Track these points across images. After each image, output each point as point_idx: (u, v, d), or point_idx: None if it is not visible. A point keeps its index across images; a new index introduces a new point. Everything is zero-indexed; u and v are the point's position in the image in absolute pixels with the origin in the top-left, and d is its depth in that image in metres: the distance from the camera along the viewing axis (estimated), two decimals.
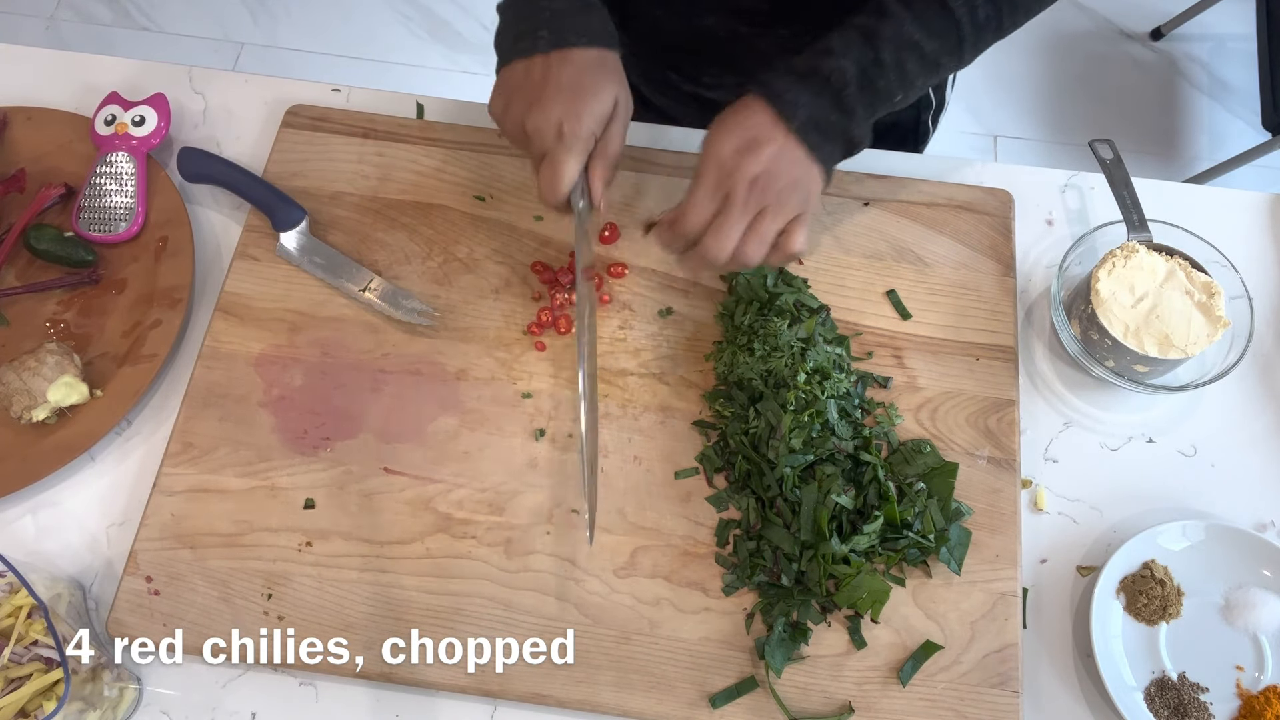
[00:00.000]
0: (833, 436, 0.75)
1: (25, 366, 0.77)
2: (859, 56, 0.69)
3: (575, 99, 0.69)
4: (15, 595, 0.67)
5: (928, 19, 0.70)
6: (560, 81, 0.70)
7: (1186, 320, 0.80)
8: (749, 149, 0.68)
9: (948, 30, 0.71)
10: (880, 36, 0.70)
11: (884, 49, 0.70)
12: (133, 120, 0.89)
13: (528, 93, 0.70)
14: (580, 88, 0.70)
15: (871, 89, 0.70)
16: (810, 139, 0.69)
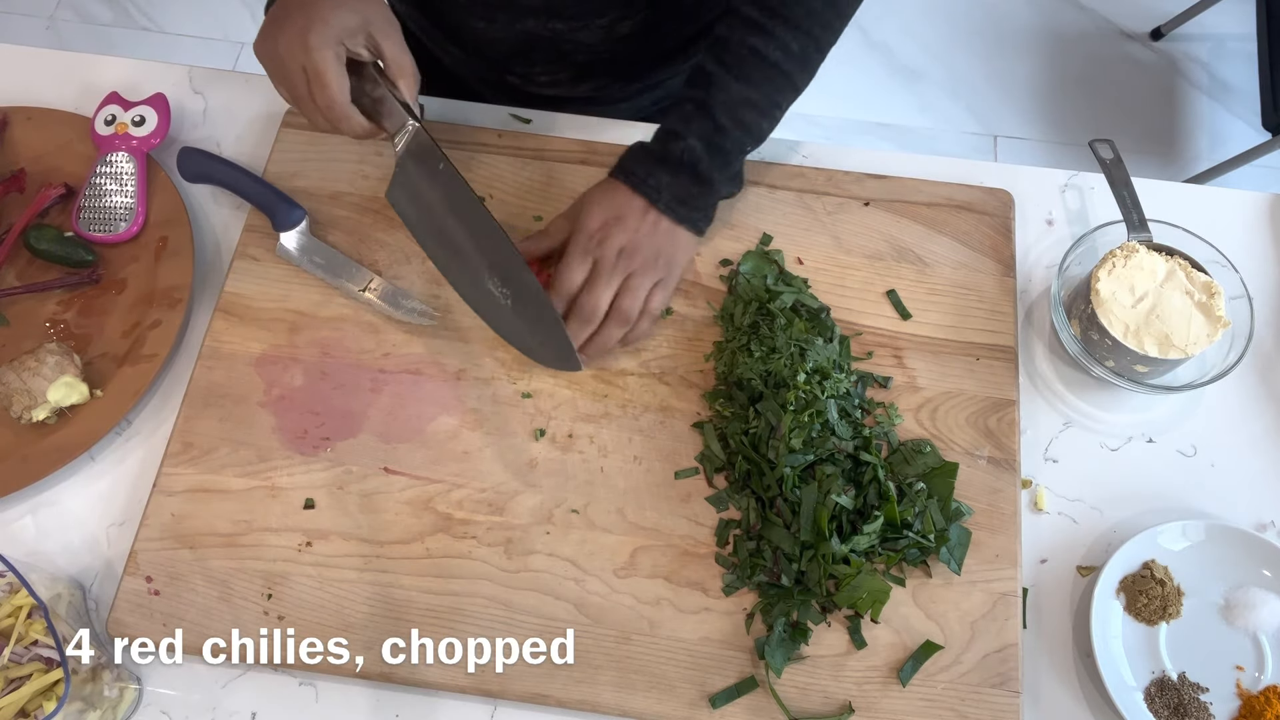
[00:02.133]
0: (833, 436, 0.75)
1: (25, 366, 0.77)
2: (700, 130, 0.77)
3: (314, 8, 0.70)
4: (15, 595, 0.67)
5: (747, 73, 0.77)
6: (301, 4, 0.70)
7: (1186, 320, 0.80)
8: (616, 223, 0.78)
9: (770, 76, 0.77)
10: (711, 105, 0.77)
11: (719, 115, 0.77)
12: (133, 120, 0.89)
13: (278, 22, 0.71)
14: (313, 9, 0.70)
15: (722, 153, 0.78)
16: (678, 213, 0.79)
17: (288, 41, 0.70)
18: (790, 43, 0.76)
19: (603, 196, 0.79)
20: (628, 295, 0.77)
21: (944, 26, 2.29)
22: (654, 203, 0.78)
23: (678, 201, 0.78)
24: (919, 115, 2.16)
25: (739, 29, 0.77)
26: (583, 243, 0.78)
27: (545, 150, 0.90)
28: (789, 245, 0.86)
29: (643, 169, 0.79)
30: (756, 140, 0.80)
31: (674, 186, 0.78)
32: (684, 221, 0.79)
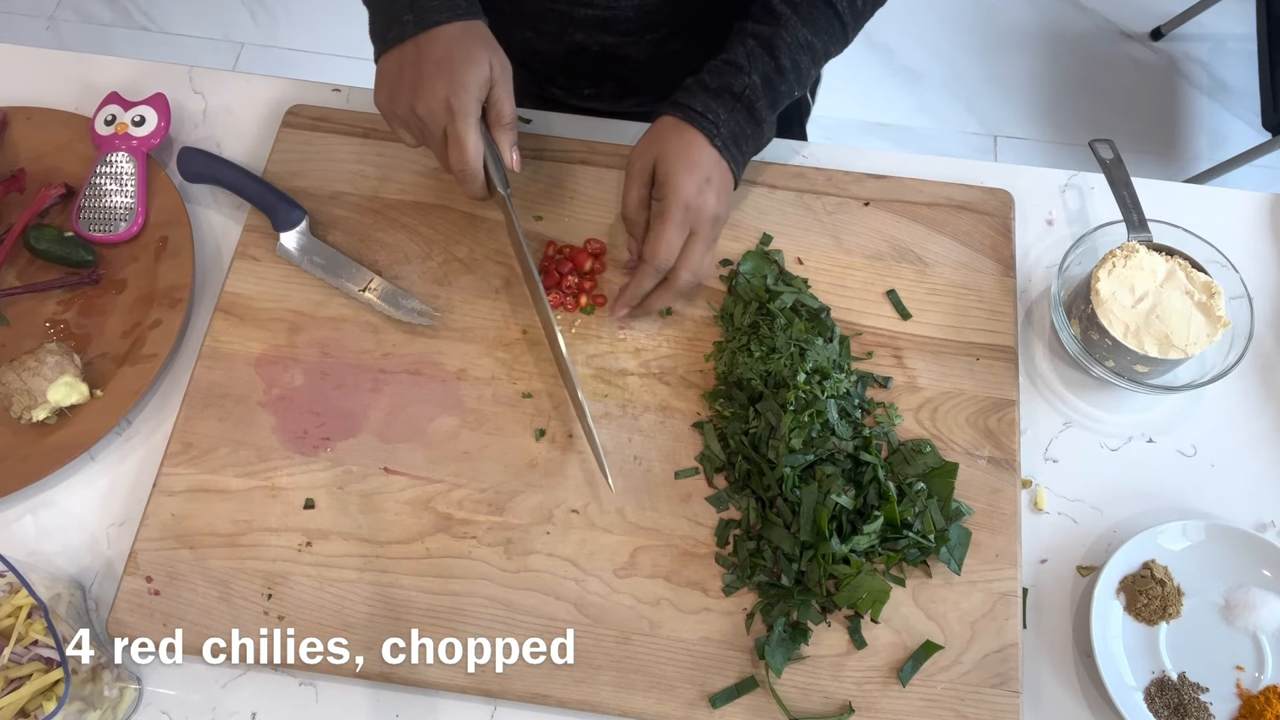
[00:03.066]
0: (833, 436, 0.75)
1: (25, 366, 0.77)
2: (763, 67, 0.76)
3: (451, 72, 0.72)
4: (15, 595, 0.67)
5: (814, 18, 0.77)
6: (434, 60, 0.72)
7: (1186, 320, 0.80)
8: (708, 186, 0.75)
9: (832, 24, 0.78)
10: (778, 44, 0.76)
11: (782, 55, 0.76)
12: (133, 120, 0.89)
13: (408, 79, 0.73)
14: (453, 61, 0.72)
15: (774, 93, 0.77)
16: (731, 152, 0.77)
17: (429, 105, 0.72)
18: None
19: (682, 149, 0.76)
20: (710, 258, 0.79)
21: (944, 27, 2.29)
22: (713, 140, 0.76)
23: (733, 140, 0.77)
24: (919, 115, 2.16)
25: None
26: (679, 213, 0.75)
27: (545, 150, 0.90)
28: (789, 245, 0.86)
29: (699, 101, 0.76)
30: (802, 88, 0.80)
31: (730, 123, 0.76)
32: (736, 166, 0.78)
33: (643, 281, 0.77)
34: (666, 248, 0.75)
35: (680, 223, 0.75)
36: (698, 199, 0.75)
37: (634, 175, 0.78)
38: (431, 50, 0.72)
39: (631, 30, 0.87)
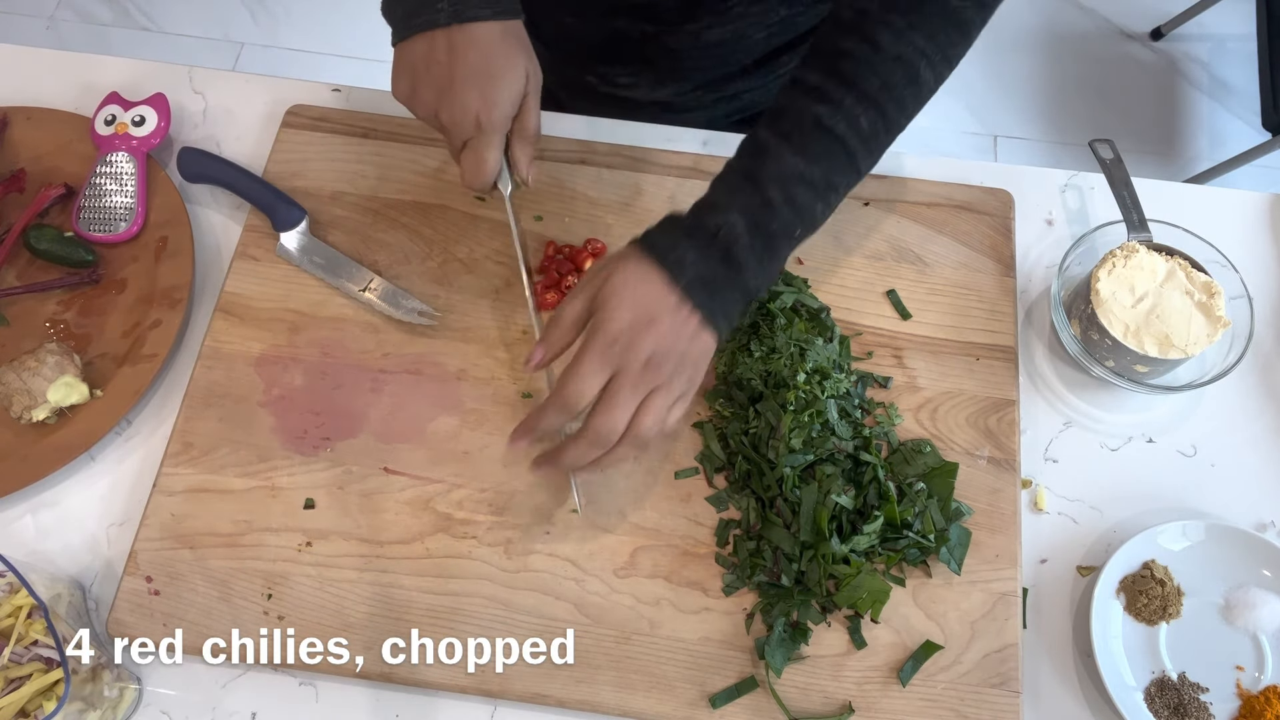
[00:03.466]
0: (833, 436, 0.75)
1: (25, 366, 0.77)
2: (745, 203, 0.66)
3: (488, 85, 0.67)
4: (15, 595, 0.67)
5: (807, 145, 0.66)
6: (469, 65, 0.67)
7: (1186, 320, 0.80)
8: (647, 325, 0.64)
9: (832, 151, 0.67)
10: (762, 176, 0.66)
11: (769, 188, 0.66)
12: (133, 120, 0.89)
13: (436, 78, 0.68)
14: (490, 72, 0.67)
15: (765, 234, 0.66)
16: (698, 298, 0.65)
17: (456, 116, 0.68)
18: (859, 116, 0.66)
19: (629, 280, 0.65)
20: (649, 414, 0.65)
21: None
22: (676, 281, 0.65)
23: (701, 284, 0.65)
24: (919, 115, 2.16)
25: (801, 97, 0.67)
26: (601, 347, 0.64)
27: (546, 150, 0.90)
28: None
29: (668, 239, 0.66)
30: (807, 225, 0.68)
31: (700, 265, 0.65)
32: (708, 313, 0.66)
33: (543, 415, 0.66)
34: (576, 381, 0.64)
35: (600, 356, 0.64)
36: (629, 335, 0.64)
37: (581, 289, 0.67)
38: (466, 53, 0.67)
39: (673, 19, 0.86)
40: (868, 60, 0.66)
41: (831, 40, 0.67)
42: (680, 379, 0.66)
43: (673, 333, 0.65)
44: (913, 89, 0.67)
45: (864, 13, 0.66)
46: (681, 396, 0.67)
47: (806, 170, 0.66)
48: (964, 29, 0.67)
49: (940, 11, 0.66)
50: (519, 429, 0.68)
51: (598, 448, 0.65)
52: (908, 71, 0.66)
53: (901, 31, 0.65)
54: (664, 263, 0.65)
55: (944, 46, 0.67)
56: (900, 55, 0.66)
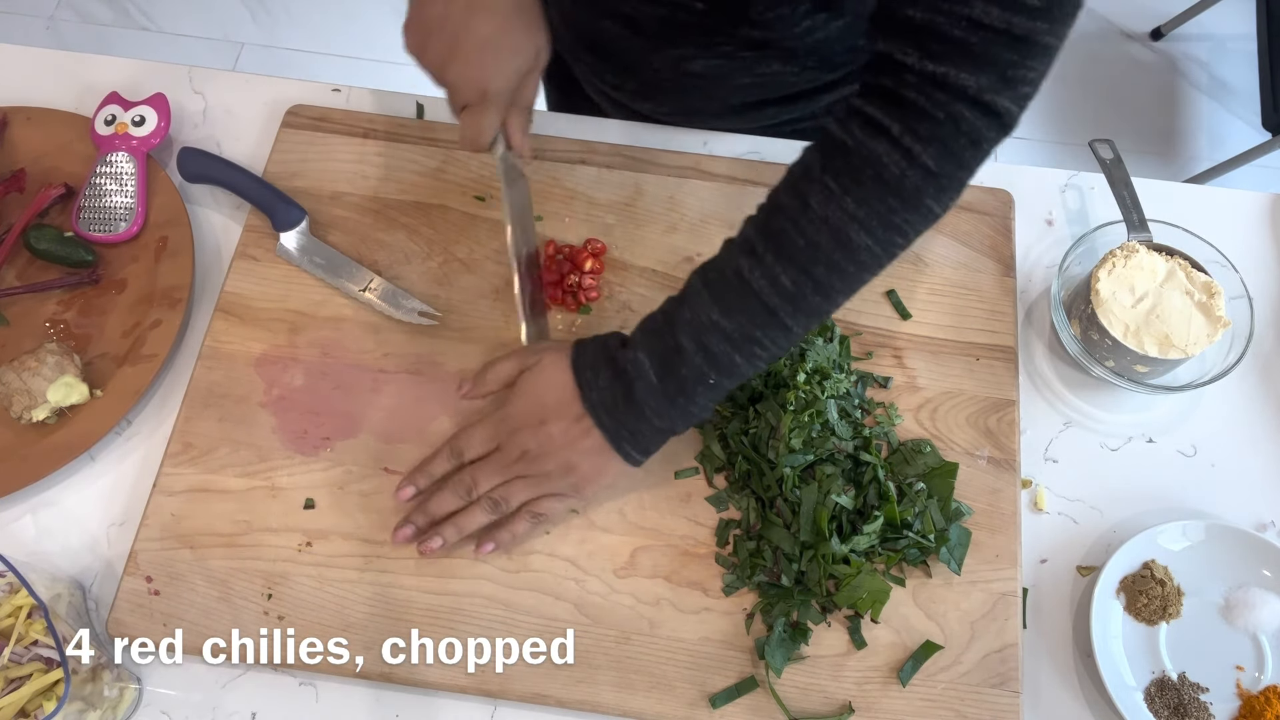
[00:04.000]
0: (833, 437, 0.75)
1: (25, 366, 0.77)
2: (656, 345, 0.68)
3: (496, 56, 0.68)
4: (15, 595, 0.67)
5: (725, 296, 0.66)
6: (482, 34, 0.68)
7: (1186, 320, 0.80)
8: (539, 424, 0.71)
9: (749, 306, 0.65)
10: (678, 322, 0.67)
11: (681, 333, 0.66)
12: (133, 120, 0.89)
13: (448, 38, 0.68)
14: (500, 45, 0.68)
15: (676, 378, 0.67)
16: (602, 419, 0.69)
17: (460, 81, 0.69)
18: (780, 275, 0.64)
19: (544, 377, 0.71)
20: (502, 490, 0.72)
21: None
22: (583, 398, 0.69)
23: (604, 409, 0.69)
24: None
25: (735, 246, 0.67)
26: (495, 421, 0.73)
27: (546, 150, 0.90)
28: None
29: (591, 357, 0.70)
30: (726, 374, 0.67)
31: (606, 392, 0.69)
32: (611, 438, 0.69)
33: (435, 458, 0.74)
34: (465, 437, 0.73)
35: (491, 428, 0.73)
36: (517, 423, 0.71)
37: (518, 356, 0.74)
38: (482, 20, 0.68)
39: (654, 37, 0.85)
40: (796, 220, 0.64)
41: (775, 195, 0.66)
42: (560, 480, 0.72)
43: (560, 438, 0.70)
44: (845, 253, 0.64)
45: (807, 170, 0.65)
46: (558, 496, 0.73)
47: (721, 321, 0.66)
48: (907, 197, 0.62)
49: (876, 179, 0.62)
50: (408, 477, 0.75)
51: (457, 498, 0.73)
52: (836, 235, 0.63)
53: (833, 195, 0.63)
54: (578, 378, 0.70)
55: (883, 214, 0.62)
56: (828, 218, 0.63)
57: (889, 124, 0.61)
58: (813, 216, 0.63)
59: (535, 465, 0.71)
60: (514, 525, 0.73)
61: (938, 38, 0.58)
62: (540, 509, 0.73)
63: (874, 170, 0.62)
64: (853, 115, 0.63)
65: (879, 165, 0.61)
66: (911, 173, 0.61)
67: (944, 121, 0.60)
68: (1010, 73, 0.58)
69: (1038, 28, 0.57)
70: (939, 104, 0.59)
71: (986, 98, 0.59)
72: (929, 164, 0.61)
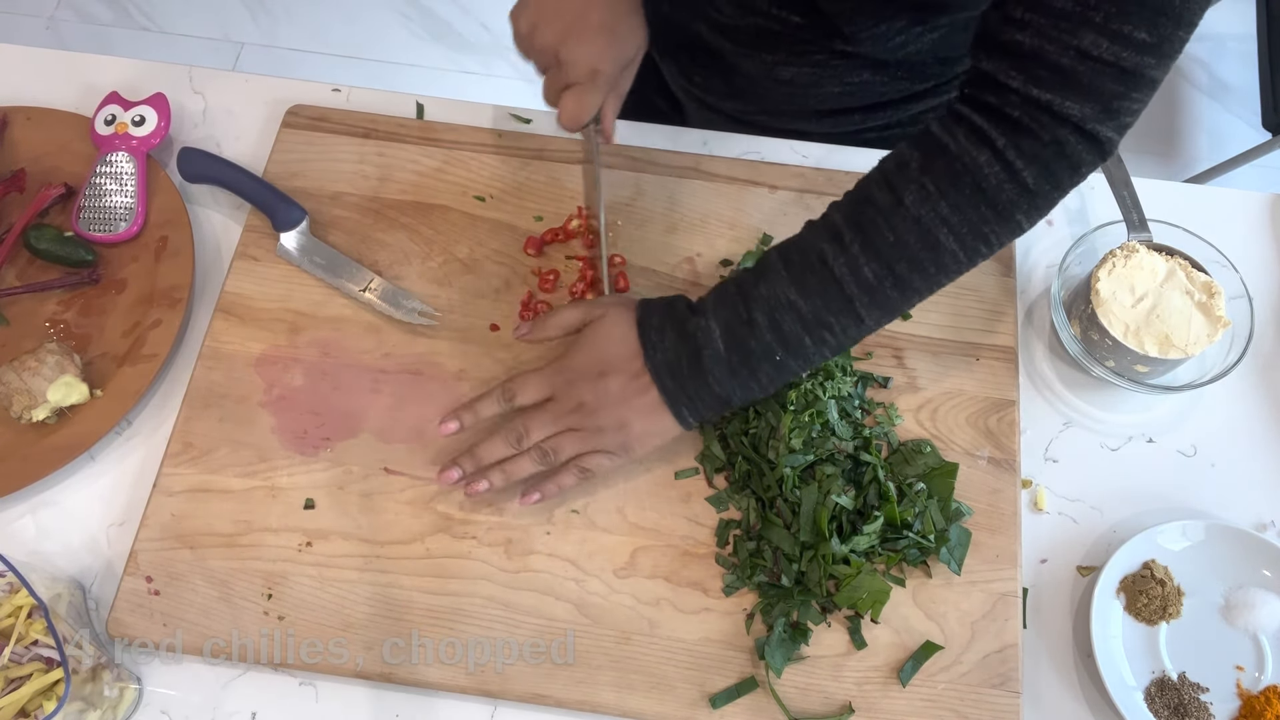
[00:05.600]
0: (833, 437, 0.75)
1: (25, 366, 0.77)
2: (728, 316, 0.68)
3: (611, 43, 0.72)
4: (15, 595, 0.67)
5: (804, 278, 0.67)
6: (598, 19, 0.71)
7: (1187, 320, 0.80)
8: (600, 376, 0.71)
9: (828, 290, 0.67)
10: (754, 296, 0.68)
11: (755, 309, 0.67)
12: (133, 120, 0.89)
13: (564, 20, 0.71)
14: (616, 32, 0.72)
15: (743, 350, 0.68)
16: (662, 381, 0.70)
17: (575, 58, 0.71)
18: (863, 267, 0.66)
19: (608, 331, 0.72)
20: (553, 441, 0.72)
21: None
22: (647, 356, 0.70)
23: (667, 370, 0.69)
24: None
25: (819, 231, 0.68)
26: (554, 369, 0.72)
27: (546, 150, 0.90)
28: None
29: (659, 316, 0.71)
30: (795, 354, 0.68)
31: (671, 354, 0.69)
32: (670, 400, 0.70)
33: (486, 399, 0.73)
34: (519, 383, 0.72)
35: (548, 377, 0.72)
36: (577, 374, 0.71)
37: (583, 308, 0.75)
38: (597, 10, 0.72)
39: (747, 45, 0.86)
40: (888, 215, 0.65)
41: (867, 185, 0.68)
42: (611, 437, 0.71)
43: (618, 393, 0.70)
44: (930, 254, 0.65)
45: (903, 167, 0.66)
46: (607, 453, 0.72)
47: (797, 301, 0.67)
48: (1001, 209, 0.64)
49: (974, 187, 0.63)
50: (453, 412, 0.74)
51: (507, 445, 0.72)
52: (924, 236, 0.65)
53: (929, 196, 0.64)
54: (643, 336, 0.71)
55: (974, 223, 0.64)
56: (920, 218, 0.64)
57: (995, 136, 0.62)
58: (905, 214, 0.65)
59: (590, 419, 0.71)
60: (561, 478, 0.72)
61: (1045, 65, 0.59)
62: (589, 464, 0.72)
63: (973, 178, 0.63)
64: (959, 121, 0.64)
65: (979, 174, 0.63)
66: (1009, 186, 0.63)
67: (1049, 144, 0.61)
68: (1115, 104, 0.59)
69: (1145, 62, 0.57)
70: (1044, 126, 0.61)
71: (1090, 126, 0.60)
72: (1028, 181, 0.62)
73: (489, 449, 0.72)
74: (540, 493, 0.73)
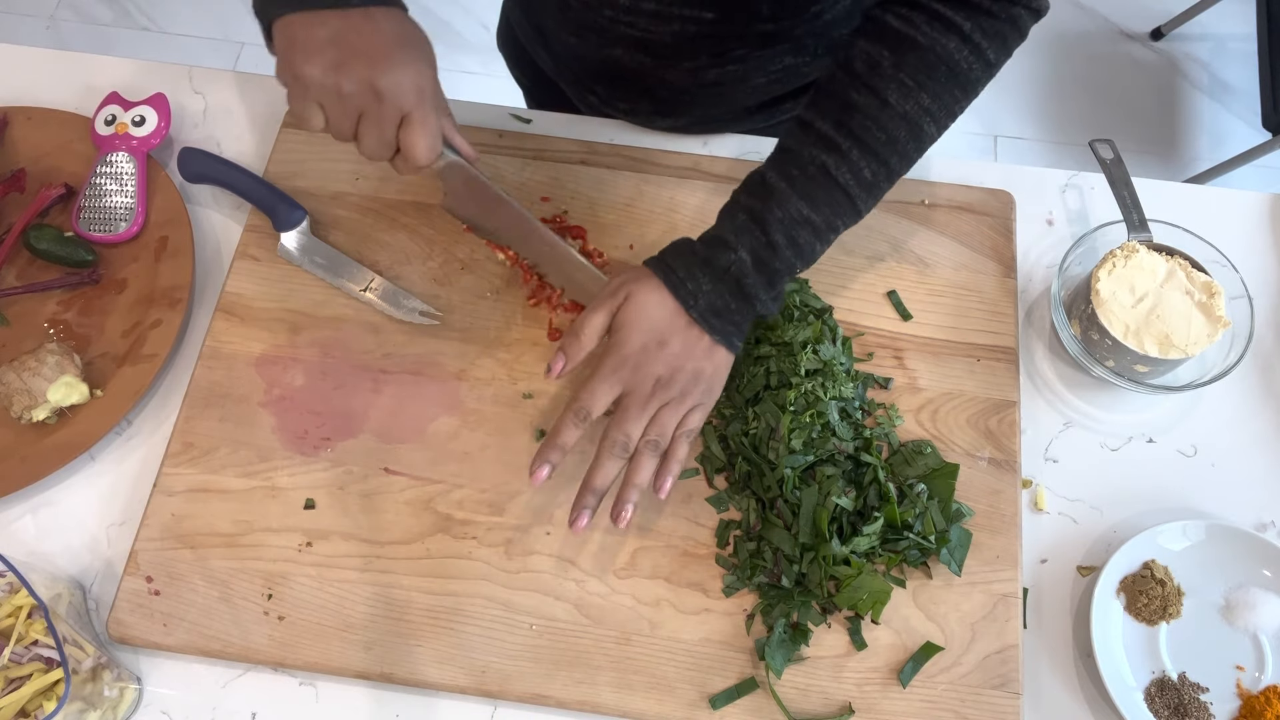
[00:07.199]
0: (833, 437, 0.75)
1: (25, 366, 0.77)
2: (751, 243, 0.70)
3: (418, 55, 0.67)
4: (15, 595, 0.67)
5: (812, 192, 0.70)
6: (399, 38, 0.66)
7: (1187, 320, 0.80)
8: (656, 347, 0.70)
9: (835, 198, 0.71)
10: (769, 219, 0.70)
11: (774, 230, 0.70)
12: (133, 120, 0.89)
13: (368, 50, 0.64)
14: (417, 45, 0.68)
15: (768, 270, 0.71)
16: (711, 323, 0.71)
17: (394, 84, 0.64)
18: (864, 168, 0.70)
19: (645, 305, 0.71)
20: (655, 427, 0.70)
21: None
22: (689, 309, 0.71)
23: (713, 312, 0.71)
24: None
25: (810, 143, 0.70)
26: (614, 365, 0.70)
27: (546, 150, 0.90)
28: None
29: (684, 268, 0.71)
30: (807, 262, 0.72)
31: (712, 295, 0.71)
32: (720, 337, 0.72)
33: (559, 429, 0.70)
34: (587, 395, 0.70)
35: (612, 375, 0.70)
36: (639, 356, 0.70)
37: (601, 303, 0.72)
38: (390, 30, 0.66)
39: (668, 55, 0.86)
40: (875, 116, 0.69)
41: (843, 89, 0.70)
42: (695, 391, 0.72)
43: (684, 353, 0.71)
44: (915, 142, 0.71)
45: (875, 66, 0.69)
46: (699, 406, 0.72)
47: (810, 215, 0.70)
48: (969, 87, 0.70)
49: (949, 73, 0.69)
50: (540, 456, 0.70)
51: (616, 459, 0.70)
52: (912, 128, 0.70)
53: (910, 91, 0.69)
54: (679, 292, 0.71)
55: (948, 104, 0.70)
56: (906, 113, 0.69)
57: (960, 21, 0.68)
58: (892, 113, 0.69)
59: (672, 388, 0.71)
60: (677, 453, 0.71)
61: None
62: (690, 425, 0.71)
63: (946, 65, 0.69)
64: (916, 10, 0.69)
65: (950, 60, 0.69)
66: (977, 65, 0.70)
67: (1005, 20, 0.69)
68: None
69: None
70: (1001, 8, 0.69)
71: (1035, 3, 0.70)
72: (990, 57, 0.70)
73: (604, 474, 0.70)
74: (670, 478, 0.71)
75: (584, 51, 0.90)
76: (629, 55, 0.87)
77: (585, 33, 0.88)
